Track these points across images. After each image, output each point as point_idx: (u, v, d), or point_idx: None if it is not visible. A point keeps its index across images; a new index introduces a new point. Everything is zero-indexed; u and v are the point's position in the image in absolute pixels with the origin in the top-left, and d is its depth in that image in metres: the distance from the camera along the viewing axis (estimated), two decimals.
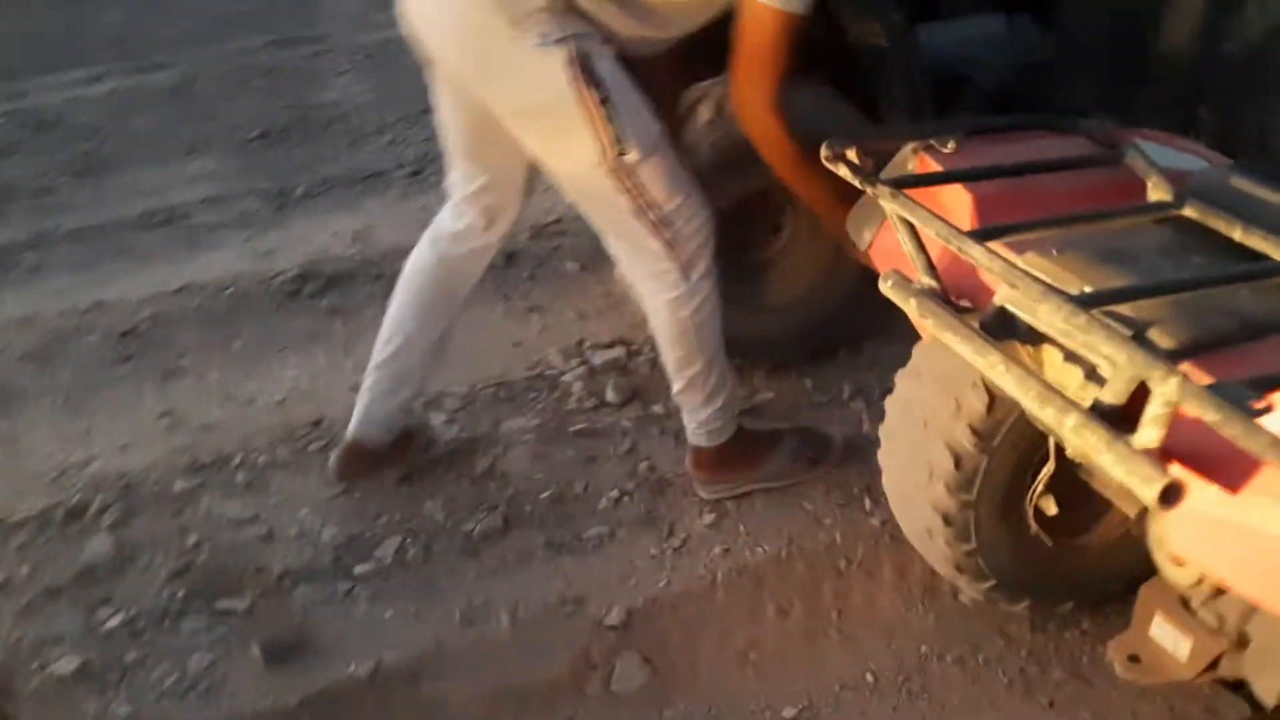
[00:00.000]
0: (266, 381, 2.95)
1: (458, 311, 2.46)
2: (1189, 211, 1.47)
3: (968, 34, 2.76)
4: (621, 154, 2.00)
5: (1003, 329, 1.43)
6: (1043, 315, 1.29)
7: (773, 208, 2.66)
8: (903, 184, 1.52)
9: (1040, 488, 1.75)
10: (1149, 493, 1.11)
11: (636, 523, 2.35)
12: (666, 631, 2.11)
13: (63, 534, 2.44)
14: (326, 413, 2.77)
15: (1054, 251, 1.44)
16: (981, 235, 1.38)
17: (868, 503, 2.31)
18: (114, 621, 2.20)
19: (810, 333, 2.70)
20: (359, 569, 2.29)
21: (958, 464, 1.82)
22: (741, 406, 2.47)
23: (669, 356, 2.28)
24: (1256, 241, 1.37)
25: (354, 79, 5.16)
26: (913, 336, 2.77)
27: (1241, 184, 1.50)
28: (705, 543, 2.28)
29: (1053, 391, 1.25)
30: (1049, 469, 1.72)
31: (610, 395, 2.70)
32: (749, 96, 2.04)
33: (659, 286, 2.18)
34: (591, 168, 2.02)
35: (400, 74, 5.10)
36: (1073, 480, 1.85)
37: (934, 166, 1.70)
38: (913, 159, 1.76)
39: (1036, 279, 1.29)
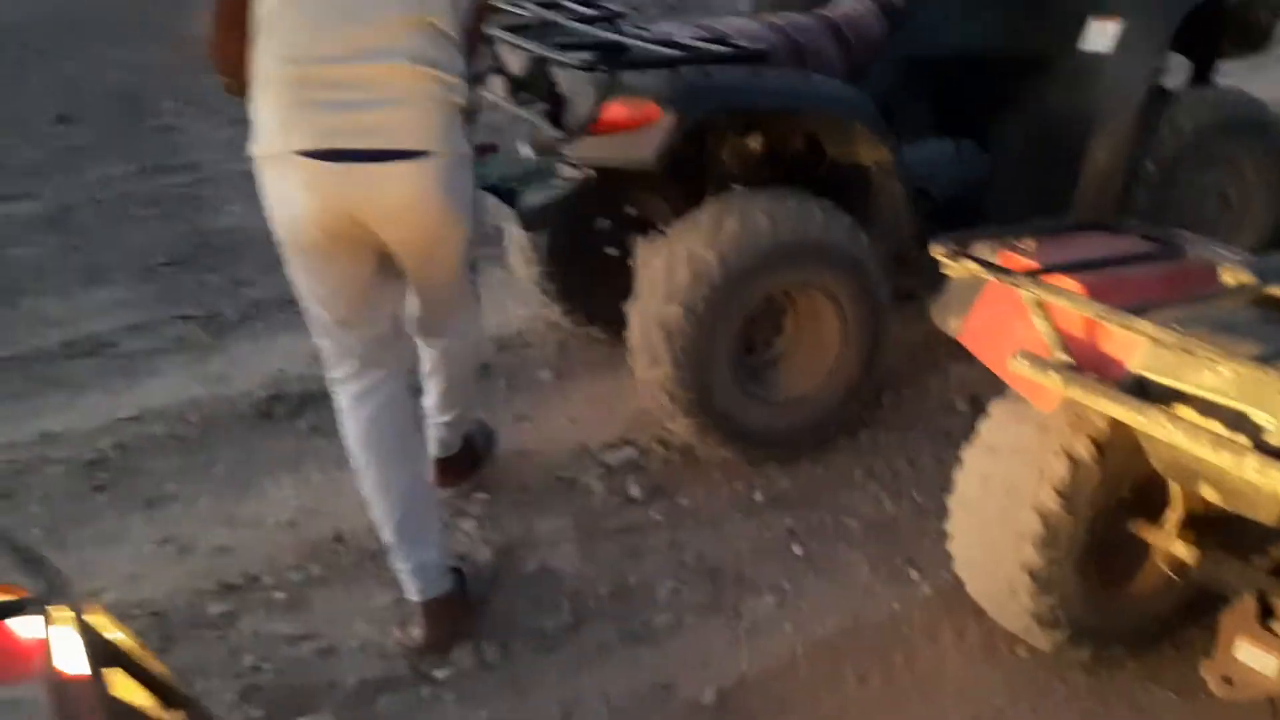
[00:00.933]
0: (265, 503, 2.89)
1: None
2: (1273, 290, 1.76)
3: (921, 155, 3.10)
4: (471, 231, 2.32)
5: (1141, 392, 1.67)
6: (1205, 377, 1.54)
7: (775, 310, 2.87)
8: (1044, 272, 1.75)
9: (1174, 531, 1.97)
10: None
11: (701, 609, 2.44)
12: (759, 706, 2.20)
13: None
14: (344, 527, 2.74)
15: (1177, 326, 1.69)
16: (1133, 313, 1.61)
17: (914, 573, 2.50)
18: None
19: (816, 424, 2.89)
20: (438, 673, 2.28)
21: (1045, 524, 2.03)
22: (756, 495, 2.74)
23: (467, 386, 2.66)
24: None
25: (245, 206, 5.08)
26: (905, 423, 3.05)
27: None
28: (774, 622, 2.39)
29: (1228, 438, 1.48)
30: (1177, 513, 1.94)
31: (634, 492, 2.80)
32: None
33: (471, 328, 2.58)
34: (461, 248, 2.31)
35: None
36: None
37: (1020, 260, 1.93)
38: (992, 254, 2.00)
39: (1208, 345, 1.52)
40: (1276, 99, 3.55)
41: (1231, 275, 1.83)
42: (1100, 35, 3.03)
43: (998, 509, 2.10)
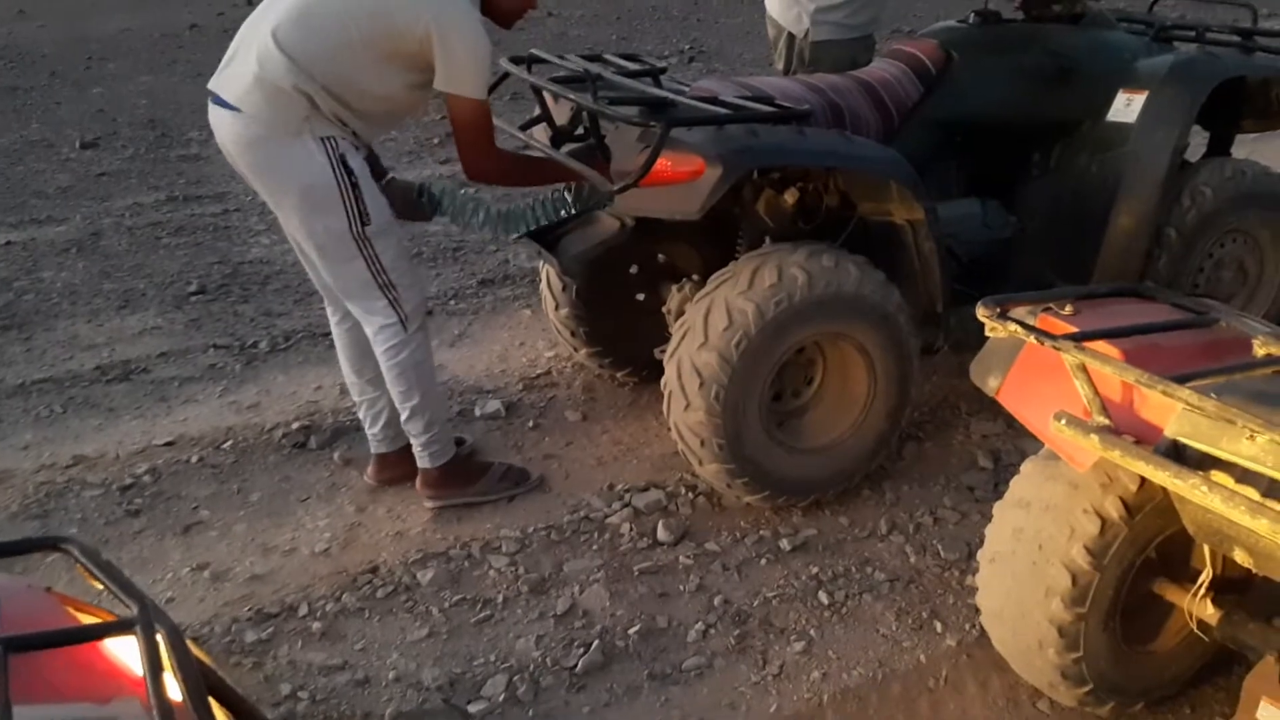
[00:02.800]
0: (300, 532, 2.95)
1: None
2: None
3: (949, 214, 3.17)
4: (365, 224, 2.68)
5: (1177, 457, 1.74)
6: (1242, 446, 1.60)
7: (806, 360, 2.94)
8: (1084, 338, 1.81)
9: (1201, 592, 2.03)
10: None
11: (730, 653, 2.49)
12: None
13: None
14: (379, 559, 2.80)
15: (1214, 395, 1.75)
16: (1181, 378, 1.68)
17: (939, 625, 2.55)
18: None
19: (841, 473, 2.95)
20: (473, 708, 2.33)
21: (1074, 580, 2.09)
22: (783, 542, 2.79)
23: (394, 391, 2.90)
24: None
25: (274, 238, 5.19)
26: (927, 476, 3.11)
27: None
28: (802, 668, 2.44)
29: (1264, 504, 1.54)
30: (1207, 575, 2.00)
31: (662, 535, 2.86)
32: (485, 167, 2.75)
33: (385, 335, 2.83)
34: (342, 235, 2.68)
35: None
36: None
37: (1058, 324, 2.00)
38: (1031, 317, 2.07)
39: (1248, 415, 1.59)
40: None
41: (1265, 346, 1.90)
42: (1128, 107, 3.13)
43: (1027, 564, 2.16)
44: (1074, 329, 1.95)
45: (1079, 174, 3.22)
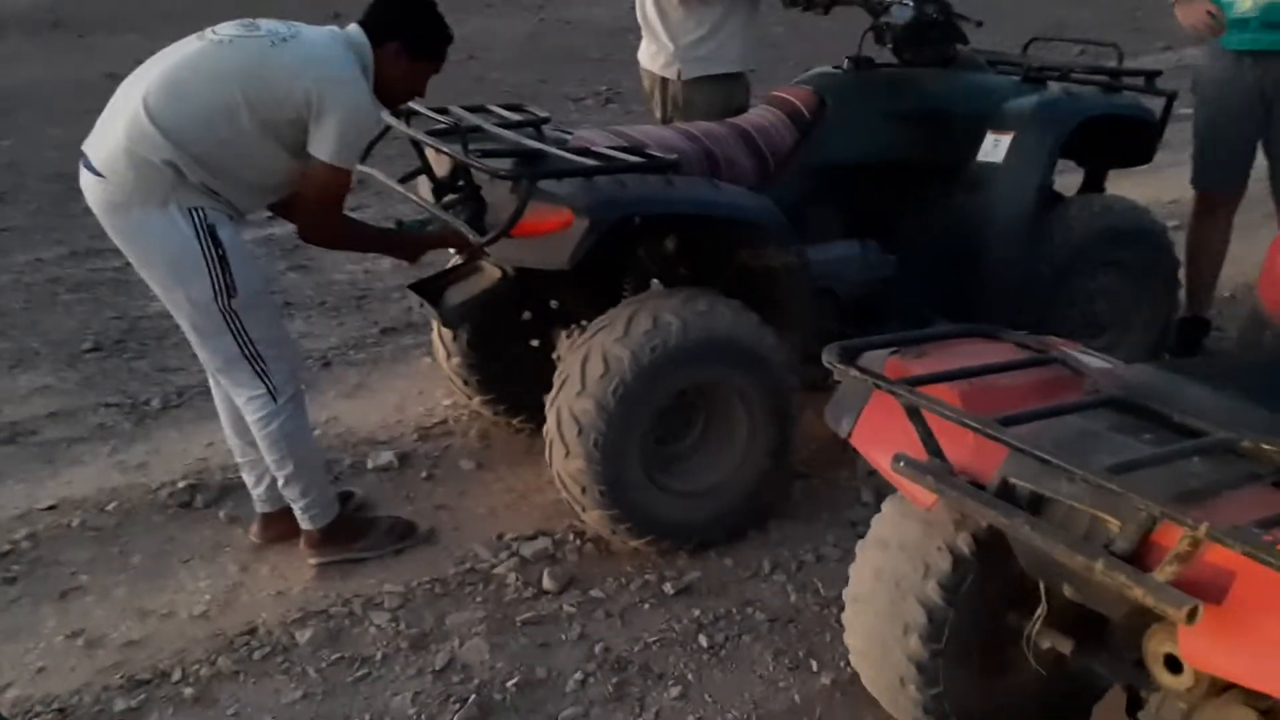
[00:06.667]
0: (179, 594, 2.90)
1: None
2: (1136, 400, 1.87)
3: (828, 255, 3.23)
4: (230, 297, 2.66)
5: (1008, 495, 1.78)
6: (1061, 485, 1.65)
7: (687, 403, 2.97)
8: (911, 384, 1.85)
9: (1037, 626, 2.06)
10: (1179, 614, 1.45)
11: (608, 701, 2.49)
12: None
13: None
14: (259, 620, 2.76)
15: (1037, 436, 1.79)
16: (1006, 420, 1.72)
17: (814, 664, 2.57)
18: None
19: (726, 515, 2.98)
20: None
21: (929, 618, 2.12)
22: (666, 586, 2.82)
23: (269, 459, 2.89)
24: (1194, 422, 1.78)
25: None
26: (813, 514, 3.13)
27: (1170, 376, 1.93)
28: (678, 714, 2.45)
29: (1081, 542, 1.58)
30: (1042, 610, 2.04)
31: (548, 584, 2.85)
32: (322, 233, 2.84)
33: (255, 406, 2.81)
34: (207, 306, 2.67)
35: None
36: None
37: (906, 368, 2.05)
38: (880, 361, 2.11)
39: (1058, 457, 1.63)
40: (1159, 203, 3.77)
41: (1095, 385, 1.95)
42: (994, 147, 3.22)
43: (886, 602, 2.19)
44: (917, 372, 2.00)
45: (952, 214, 3.30)
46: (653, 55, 3.86)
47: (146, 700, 2.51)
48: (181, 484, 3.39)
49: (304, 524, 2.97)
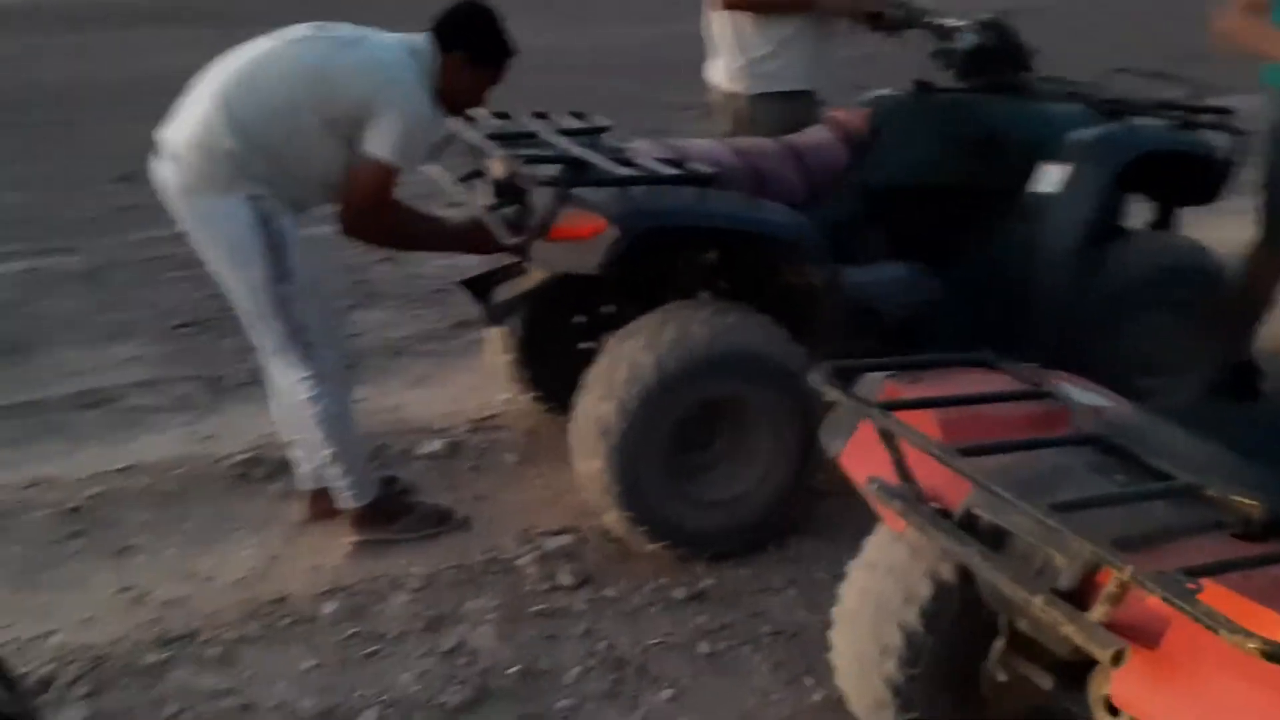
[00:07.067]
0: (224, 560, 3.07)
1: None
2: (1113, 440, 1.87)
3: (877, 277, 3.24)
4: (282, 283, 2.82)
5: (970, 526, 1.79)
6: (1015, 519, 1.65)
7: (713, 414, 3.01)
8: (889, 407, 1.88)
9: (994, 659, 2.06)
10: (1105, 655, 1.45)
11: (602, 697, 2.55)
12: None
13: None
14: (291, 589, 2.91)
15: (1014, 468, 1.80)
16: (966, 452, 1.74)
17: (810, 680, 2.59)
18: None
19: (746, 527, 3.01)
20: None
21: (908, 642, 2.13)
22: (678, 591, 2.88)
23: (313, 439, 3.02)
24: (1166, 465, 1.76)
25: None
26: (834, 533, 3.14)
27: (1144, 419, 1.91)
28: (667, 716, 2.50)
29: (1024, 576, 1.59)
30: (1001, 643, 2.04)
31: (564, 579, 2.94)
32: (365, 229, 2.94)
33: (302, 388, 2.95)
34: (261, 291, 2.84)
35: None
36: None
37: (900, 392, 2.06)
38: (879, 386, 2.13)
39: (1007, 490, 1.64)
40: (1227, 242, 3.66)
41: (1079, 421, 1.94)
42: (1048, 177, 3.18)
43: (869, 624, 2.20)
44: (905, 397, 2.02)
45: (1002, 242, 3.27)
46: (720, 69, 3.91)
47: (174, 657, 2.67)
48: (242, 457, 3.57)
49: (344, 503, 3.11)
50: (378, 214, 2.90)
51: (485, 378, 4.19)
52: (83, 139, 8.24)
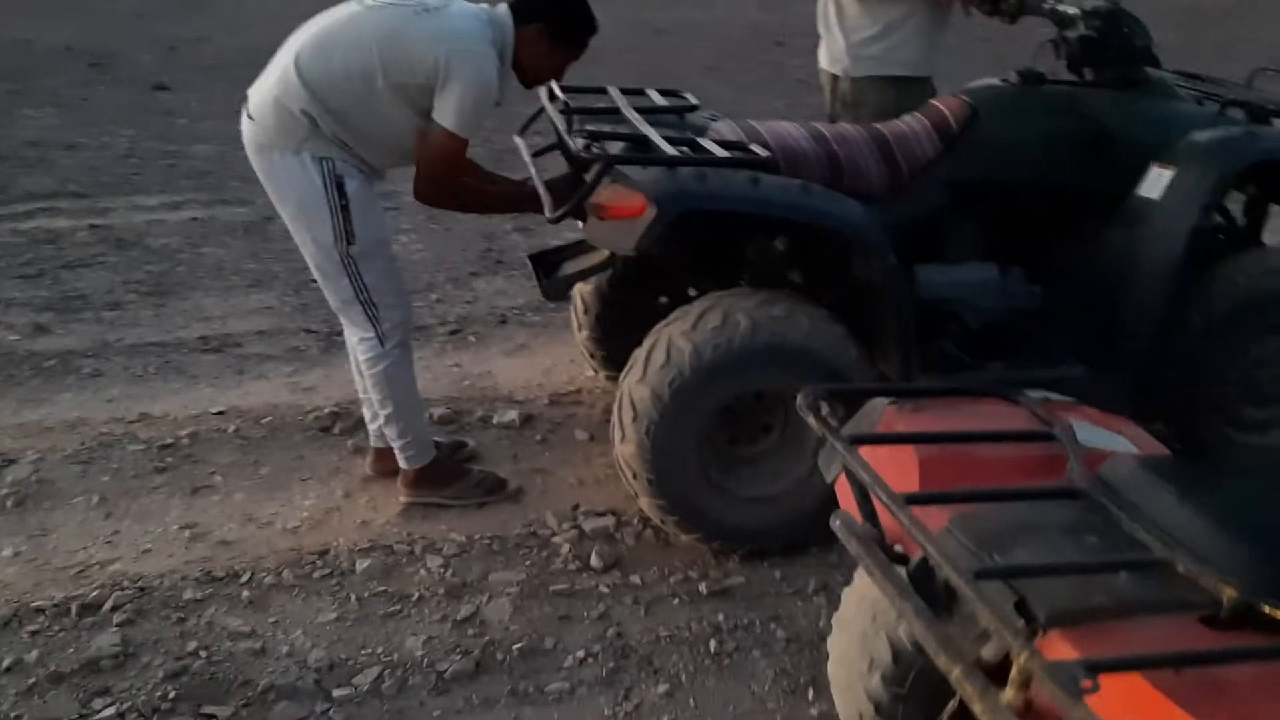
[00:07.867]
0: (285, 507, 3.20)
1: None
2: (1097, 497, 1.69)
3: (961, 277, 3.05)
4: (349, 244, 2.87)
5: (926, 579, 1.66)
6: (951, 579, 1.52)
7: (765, 408, 2.92)
8: (859, 440, 1.75)
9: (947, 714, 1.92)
10: None
11: (596, 683, 2.53)
12: None
13: (75, 626, 2.66)
14: (335, 543, 3.00)
15: (972, 519, 1.65)
16: (912, 499, 1.61)
17: (811, 693, 2.48)
18: (107, 712, 2.40)
19: (784, 527, 2.91)
20: (337, 692, 2.48)
21: (895, 659, 2.01)
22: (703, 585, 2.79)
23: (373, 396, 3.13)
24: (1139, 533, 1.58)
25: (415, 237, 5.56)
26: None
27: (1145, 475, 1.71)
28: (658, 710, 2.45)
29: (947, 644, 1.47)
30: (953, 705, 1.89)
31: (594, 560, 2.92)
32: (435, 197, 3.03)
33: (365, 347, 3.05)
34: (328, 250, 2.92)
35: (456, 238, 5.54)
36: None
37: (897, 422, 1.93)
38: (879, 413, 2.00)
39: (940, 548, 1.50)
40: None
41: (1072, 470, 1.76)
42: (1156, 181, 2.91)
43: (860, 635, 2.09)
44: (902, 428, 1.90)
45: (1104, 249, 3.01)
46: (825, 51, 3.76)
47: (211, 595, 2.80)
48: (330, 410, 3.71)
49: (401, 463, 3.18)
50: (447, 181, 2.94)
51: (578, 353, 4.21)
52: None
